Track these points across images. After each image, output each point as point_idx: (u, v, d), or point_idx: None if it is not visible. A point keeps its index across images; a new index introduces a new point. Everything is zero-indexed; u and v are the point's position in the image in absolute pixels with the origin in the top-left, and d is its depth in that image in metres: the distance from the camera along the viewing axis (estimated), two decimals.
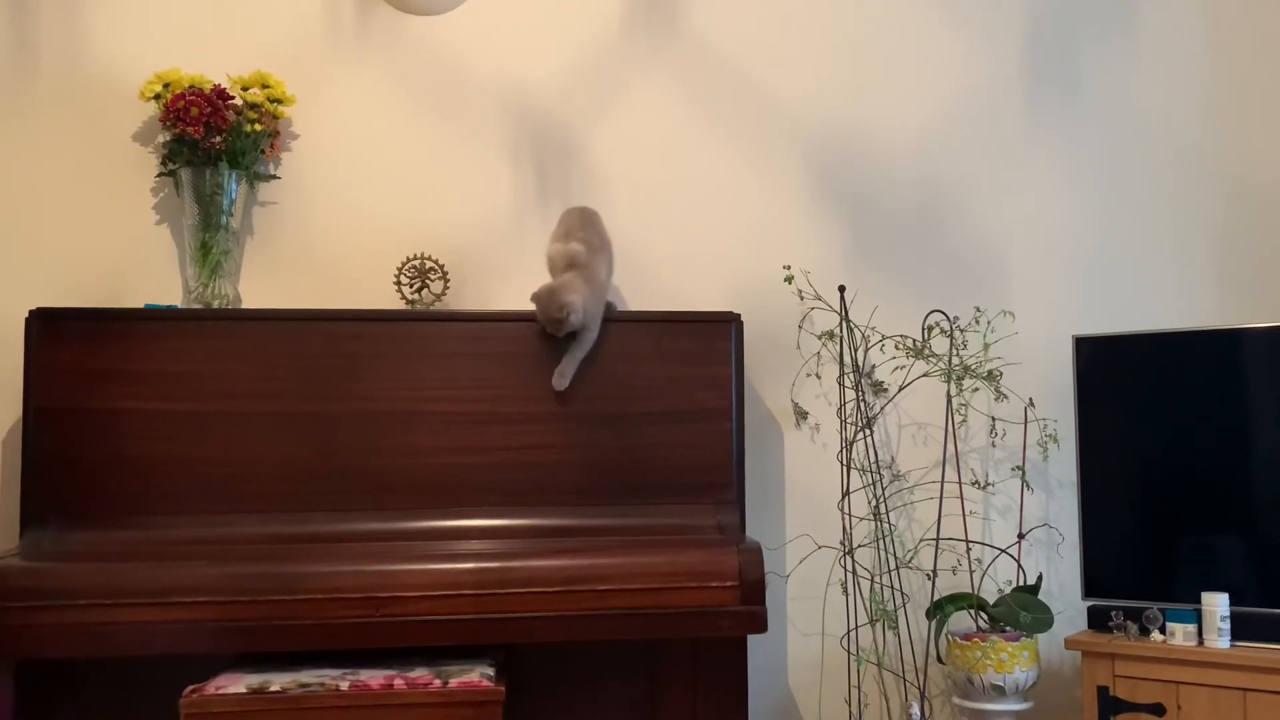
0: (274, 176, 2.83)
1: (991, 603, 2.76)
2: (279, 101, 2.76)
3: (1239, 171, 3.11)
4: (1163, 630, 2.55)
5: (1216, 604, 2.48)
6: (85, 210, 2.77)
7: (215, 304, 2.66)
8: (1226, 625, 2.47)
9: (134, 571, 2.22)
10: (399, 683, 2.10)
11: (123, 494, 2.44)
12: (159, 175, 2.77)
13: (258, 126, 2.72)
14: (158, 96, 2.68)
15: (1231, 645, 2.46)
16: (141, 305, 2.70)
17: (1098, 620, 2.65)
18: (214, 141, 2.66)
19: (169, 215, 2.80)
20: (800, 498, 2.95)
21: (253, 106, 2.72)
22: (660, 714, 2.52)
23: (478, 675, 2.14)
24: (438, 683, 2.11)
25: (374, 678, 2.12)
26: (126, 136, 2.80)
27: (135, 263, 2.78)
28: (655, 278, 2.95)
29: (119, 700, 2.40)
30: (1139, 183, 3.10)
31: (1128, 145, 3.11)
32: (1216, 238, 3.10)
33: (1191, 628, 2.50)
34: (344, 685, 2.09)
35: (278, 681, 2.10)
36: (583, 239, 2.61)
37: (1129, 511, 2.66)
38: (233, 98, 2.71)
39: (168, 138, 2.71)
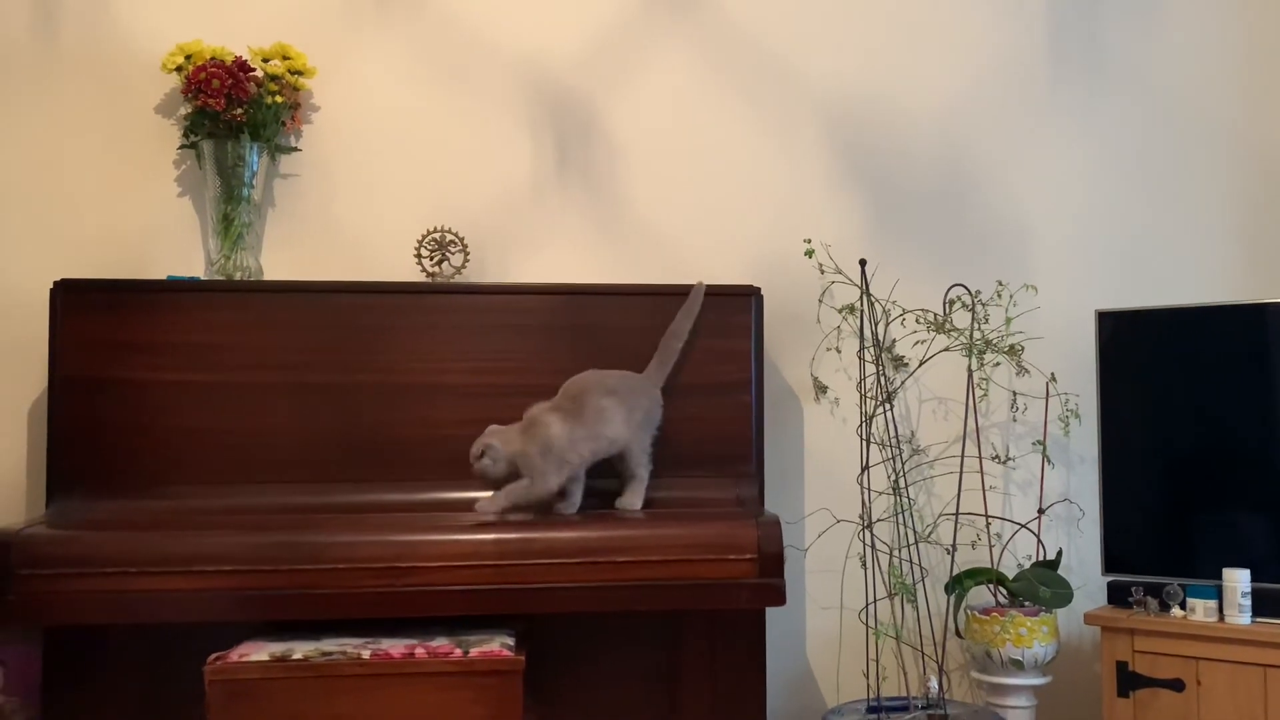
0: (295, 149, 2.83)
1: (1011, 578, 2.75)
2: (300, 74, 2.76)
3: (1265, 147, 3.08)
4: (1183, 606, 2.54)
5: (1237, 580, 2.46)
6: (108, 182, 2.78)
7: (237, 276, 2.68)
8: (1248, 601, 2.46)
9: (159, 540, 2.24)
10: (420, 652, 2.12)
11: (147, 464, 2.46)
12: (181, 147, 2.78)
13: (279, 98, 2.72)
14: (179, 68, 2.69)
15: (1253, 621, 2.45)
16: (164, 277, 2.71)
17: (1117, 596, 2.64)
18: (235, 113, 2.66)
19: (191, 187, 2.81)
20: (819, 472, 2.95)
21: (274, 78, 2.72)
22: (679, 685, 2.53)
23: (498, 645, 2.15)
24: (458, 652, 2.12)
25: (395, 647, 2.14)
26: (149, 108, 2.80)
27: (158, 235, 2.79)
28: (675, 251, 2.94)
29: (145, 667, 2.43)
30: (1163, 157, 3.07)
31: (1152, 120, 3.08)
32: (1242, 213, 3.07)
33: (1212, 604, 2.49)
34: (365, 654, 2.11)
35: (300, 650, 2.12)
36: (555, 404, 2.46)
37: (1150, 487, 2.65)
38: (254, 69, 2.71)
39: (189, 109, 2.71)
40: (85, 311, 2.48)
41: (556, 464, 2.38)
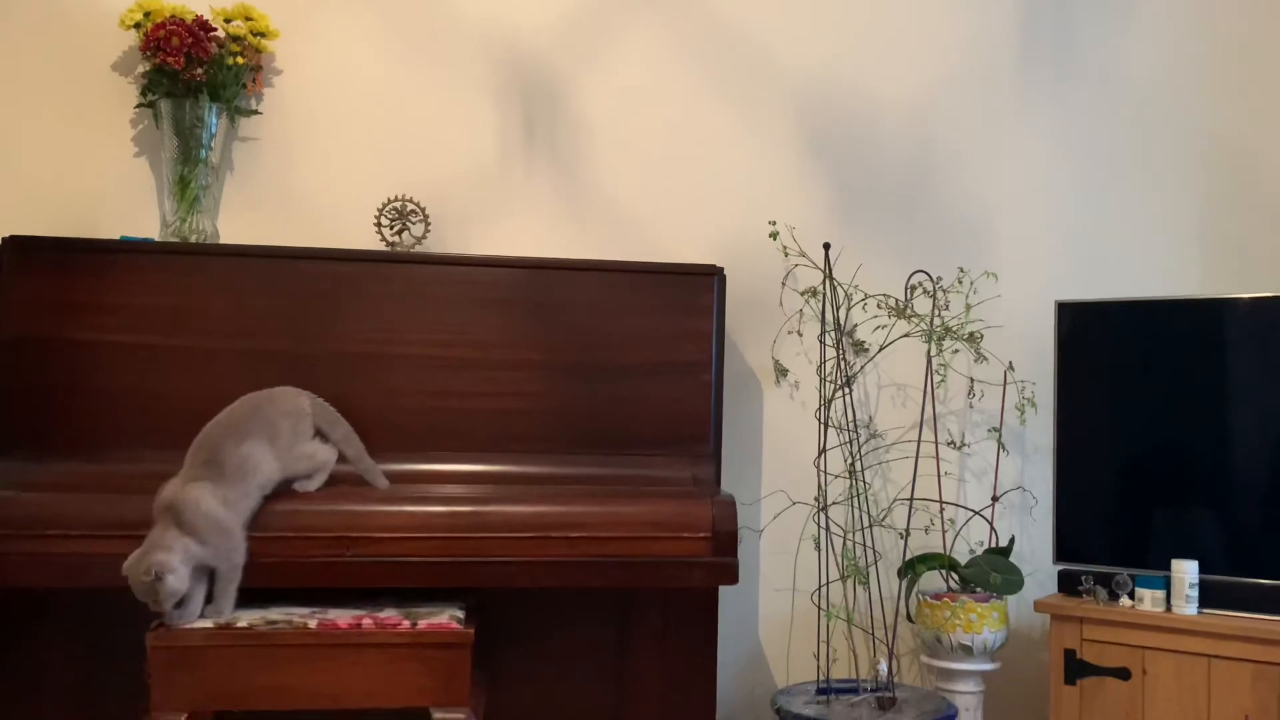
0: (255, 112, 2.78)
1: (963, 564, 2.77)
2: (262, 35, 2.71)
3: (1228, 143, 3.10)
4: (1132, 596, 2.56)
5: (1185, 571, 2.49)
6: (61, 140, 2.72)
7: (193, 239, 2.63)
8: (1195, 592, 2.48)
9: (103, 504, 2.19)
10: (367, 622, 2.09)
11: (93, 427, 2.41)
12: (138, 106, 2.72)
13: (240, 60, 2.67)
14: (138, 25, 2.63)
15: (1199, 613, 2.48)
16: (117, 238, 2.66)
17: (1068, 585, 2.66)
18: (195, 73, 2.61)
19: (148, 148, 2.75)
20: (777, 454, 2.95)
21: (235, 39, 2.67)
22: (629, 662, 2.52)
23: (447, 617, 2.13)
24: (406, 624, 2.10)
25: (342, 617, 2.11)
26: (106, 66, 2.74)
27: (112, 195, 2.74)
28: (639, 229, 2.92)
29: (87, 633, 2.39)
30: (1128, 150, 3.09)
31: (1118, 114, 3.09)
32: (1204, 208, 3.09)
33: (1160, 594, 2.52)
34: (312, 624, 2.08)
35: (245, 618, 2.09)
36: (190, 475, 2.14)
37: (1103, 477, 2.67)
38: (215, 29, 2.66)
39: (147, 68, 2.66)
40: (33, 270, 2.42)
41: (227, 529, 2.10)
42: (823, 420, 2.78)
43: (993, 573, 2.69)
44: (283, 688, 2.06)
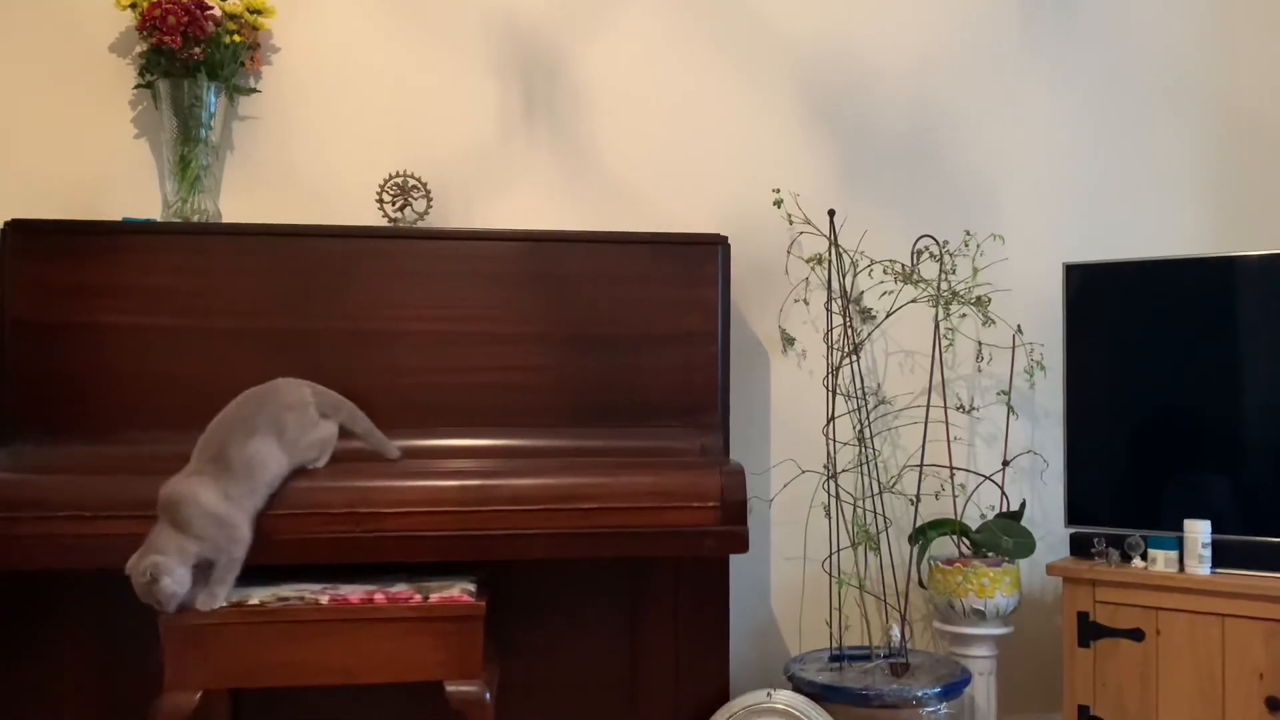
0: (254, 90, 2.77)
1: (974, 529, 2.76)
2: (259, 13, 2.69)
3: (1234, 101, 3.07)
4: (1144, 557, 2.56)
5: (1198, 531, 2.48)
6: (61, 122, 2.71)
7: (195, 220, 2.62)
8: (1208, 552, 2.47)
9: (113, 485, 2.19)
10: (379, 597, 2.10)
11: (101, 408, 2.41)
12: (136, 87, 2.71)
13: (237, 38, 2.66)
14: (134, 4, 2.61)
15: (1212, 572, 2.47)
16: (119, 219, 2.65)
17: (1080, 547, 2.65)
18: (193, 52, 2.59)
19: (147, 129, 2.74)
20: (786, 424, 2.94)
21: (232, 17, 2.66)
22: (642, 633, 2.52)
23: (459, 591, 2.13)
24: (418, 598, 2.10)
25: (354, 592, 2.11)
26: (103, 47, 2.73)
27: (113, 176, 2.73)
28: (642, 200, 2.91)
29: (99, 614, 2.40)
30: (1134, 110, 3.06)
31: (1122, 74, 3.06)
32: (1211, 167, 3.06)
33: (1173, 554, 2.51)
34: (324, 599, 2.08)
35: (257, 595, 2.09)
36: (194, 470, 2.13)
37: (1114, 439, 2.65)
38: (211, 7, 2.64)
39: (145, 47, 2.64)
40: (37, 253, 2.42)
41: (226, 522, 2.09)
42: (831, 388, 2.77)
43: (1004, 537, 2.68)
44: (295, 664, 2.06)
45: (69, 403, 2.41)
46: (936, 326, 2.83)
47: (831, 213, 2.85)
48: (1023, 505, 2.84)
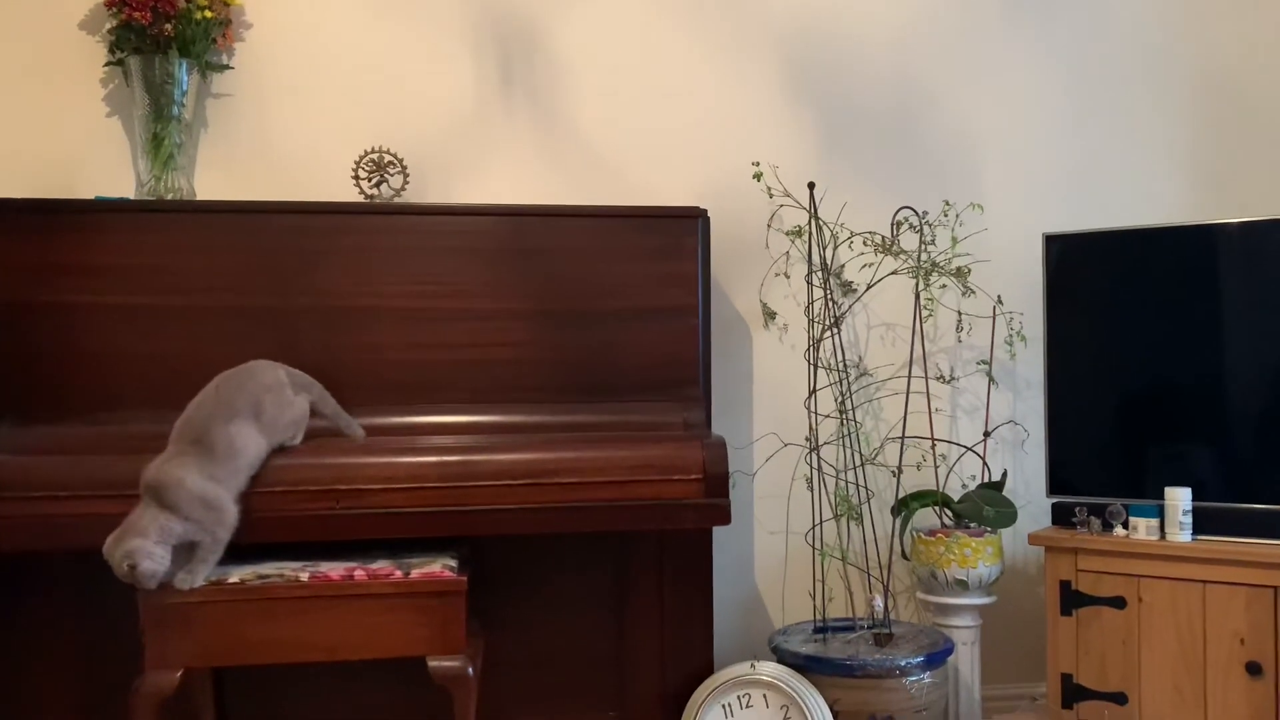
0: (227, 67, 2.74)
1: (956, 499, 2.77)
2: None
3: (1213, 70, 3.07)
4: (1125, 525, 2.56)
5: (1179, 498, 2.49)
6: (31, 101, 2.67)
7: (169, 198, 2.59)
8: (1188, 519, 2.48)
9: (90, 465, 2.18)
10: (360, 574, 2.09)
11: (77, 388, 2.39)
12: (107, 64, 2.68)
13: (208, 14, 2.62)
14: None
15: (1193, 539, 2.48)
16: (92, 198, 2.62)
17: (1062, 517, 2.66)
18: (163, 28, 2.56)
19: (119, 107, 2.71)
20: (768, 397, 2.93)
21: None
22: (626, 607, 2.52)
23: (440, 566, 2.12)
24: (399, 573, 2.09)
25: (334, 569, 2.10)
26: (73, 24, 2.69)
27: (86, 155, 2.70)
28: (622, 173, 2.89)
29: (79, 594, 2.38)
30: (1112, 80, 3.06)
31: (1102, 42, 3.05)
32: (1190, 136, 3.06)
33: (1154, 522, 2.52)
34: (304, 576, 2.07)
35: (237, 573, 2.08)
36: (176, 453, 2.11)
37: (1095, 408, 2.66)
38: None
39: (114, 24, 2.61)
40: (9, 233, 2.39)
41: (213, 504, 2.08)
42: (812, 361, 2.77)
43: (986, 507, 2.69)
44: (277, 641, 2.05)
45: (42, 383, 2.38)
46: (917, 298, 2.82)
47: (811, 185, 2.84)
48: (1004, 475, 2.84)
